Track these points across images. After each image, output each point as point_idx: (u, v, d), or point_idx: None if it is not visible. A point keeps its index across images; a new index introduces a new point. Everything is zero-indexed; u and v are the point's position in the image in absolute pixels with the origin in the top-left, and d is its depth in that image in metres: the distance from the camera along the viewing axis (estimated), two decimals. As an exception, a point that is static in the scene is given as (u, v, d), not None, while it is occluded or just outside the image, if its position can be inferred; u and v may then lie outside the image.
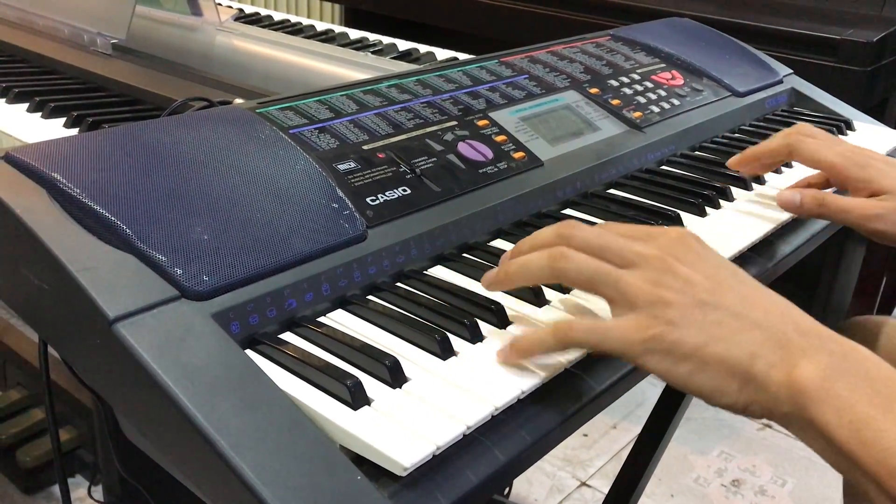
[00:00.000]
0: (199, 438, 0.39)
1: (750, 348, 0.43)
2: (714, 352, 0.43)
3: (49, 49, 0.99)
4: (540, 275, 0.49)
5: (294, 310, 0.50)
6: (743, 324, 0.44)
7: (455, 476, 0.41)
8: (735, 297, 0.45)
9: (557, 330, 0.46)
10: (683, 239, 0.48)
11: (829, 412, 0.40)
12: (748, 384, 0.43)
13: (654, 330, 0.44)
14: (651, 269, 0.46)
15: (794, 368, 0.42)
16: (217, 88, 0.85)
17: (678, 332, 0.44)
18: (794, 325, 0.44)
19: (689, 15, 1.22)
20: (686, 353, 0.43)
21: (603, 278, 0.46)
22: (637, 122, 0.82)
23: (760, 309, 0.45)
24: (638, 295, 0.45)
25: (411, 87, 0.73)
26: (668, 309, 0.44)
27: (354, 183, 0.58)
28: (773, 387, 0.42)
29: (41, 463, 1.40)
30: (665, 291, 0.45)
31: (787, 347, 0.43)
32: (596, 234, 0.48)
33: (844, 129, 0.97)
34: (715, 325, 0.44)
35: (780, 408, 0.42)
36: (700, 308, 0.44)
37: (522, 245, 0.51)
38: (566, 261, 0.47)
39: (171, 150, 0.54)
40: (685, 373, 0.44)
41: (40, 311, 0.48)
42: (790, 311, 0.46)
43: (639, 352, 0.44)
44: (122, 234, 0.47)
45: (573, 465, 1.62)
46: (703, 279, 0.46)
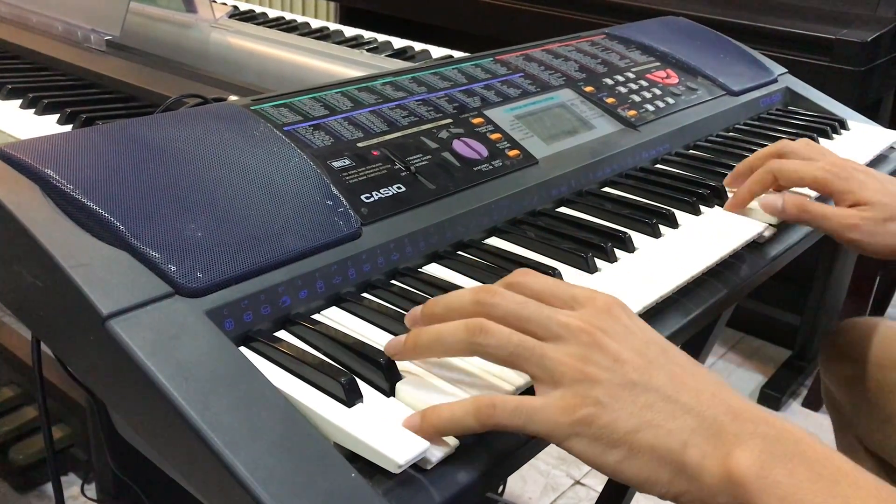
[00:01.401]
0: (193, 436, 0.39)
1: (682, 436, 0.41)
2: (645, 439, 0.41)
3: (43, 45, 0.98)
4: (456, 348, 0.45)
5: (288, 307, 0.50)
6: (674, 408, 0.41)
7: (450, 473, 0.41)
8: (665, 377, 0.43)
9: (479, 411, 0.42)
10: (611, 310, 0.45)
11: (771, 502, 0.38)
12: (680, 474, 0.40)
13: (582, 411, 0.41)
14: (577, 343, 0.43)
15: (728, 458, 0.40)
16: (211, 85, 0.85)
17: (608, 416, 0.41)
18: (725, 408, 0.42)
19: (685, 14, 1.22)
20: (616, 439, 0.41)
21: (526, 354, 0.43)
22: (632, 120, 0.82)
23: (691, 391, 0.42)
24: (564, 373, 0.42)
25: (406, 84, 0.73)
26: (595, 388, 0.42)
27: (349, 180, 0.58)
28: (707, 478, 0.40)
29: (34, 461, 1.40)
30: (593, 369, 0.42)
31: (719, 435, 0.40)
32: (519, 304, 0.45)
33: (838, 129, 0.97)
34: (646, 408, 0.41)
35: (718, 500, 0.40)
36: (630, 389, 0.42)
37: (436, 307, 0.46)
38: (485, 335, 0.43)
39: (165, 147, 0.54)
40: (614, 461, 0.41)
41: (33, 308, 0.48)
42: (721, 392, 0.43)
43: (566, 434, 0.41)
44: (116, 231, 0.47)
45: (567, 464, 1.62)
46: (633, 356, 0.43)
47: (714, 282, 0.63)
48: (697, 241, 0.66)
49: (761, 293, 1.72)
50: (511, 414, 0.42)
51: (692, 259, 0.63)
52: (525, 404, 0.42)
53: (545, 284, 0.47)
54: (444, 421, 0.42)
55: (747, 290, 0.66)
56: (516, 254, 0.61)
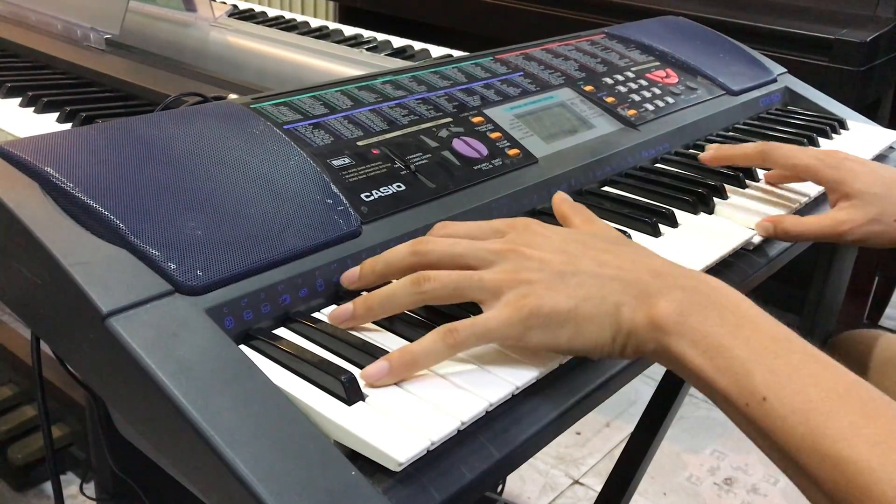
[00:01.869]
0: (193, 434, 0.39)
1: (614, 299, 0.47)
2: (585, 310, 0.46)
3: (42, 44, 0.98)
4: (406, 302, 0.48)
5: (288, 305, 0.50)
6: (602, 280, 0.47)
7: (449, 471, 0.41)
8: (589, 261, 0.49)
9: (444, 336, 0.46)
10: (528, 226, 0.51)
11: (685, 344, 0.44)
12: (619, 332, 0.46)
13: (527, 307, 0.46)
14: (507, 261, 0.48)
15: (651, 308, 0.46)
16: (211, 84, 0.85)
17: (549, 301, 0.46)
18: (647, 270, 0.48)
19: (684, 14, 1.22)
20: (562, 319, 0.46)
21: (466, 284, 0.48)
22: (632, 119, 0.82)
23: (614, 264, 0.48)
24: (501, 285, 0.47)
25: (406, 83, 0.73)
26: (532, 286, 0.47)
27: (349, 179, 0.58)
28: (638, 329, 0.46)
29: (32, 460, 1.40)
30: (525, 274, 0.47)
31: (644, 291, 0.47)
32: (449, 244, 0.50)
33: (838, 129, 0.97)
34: (578, 287, 0.47)
35: (647, 346, 0.46)
36: (561, 278, 0.47)
37: (376, 263, 0.51)
38: (429, 282, 0.48)
39: (164, 146, 0.54)
40: (567, 338, 0.46)
41: (33, 306, 0.48)
42: (641, 258, 0.49)
43: (521, 330, 0.46)
44: (116, 229, 0.47)
45: (566, 463, 1.62)
46: (556, 255, 0.49)
47: (714, 281, 0.63)
48: (697, 241, 0.66)
49: (759, 293, 1.72)
50: (471, 329, 0.46)
51: (692, 258, 0.63)
52: (480, 318, 0.47)
53: (468, 225, 0.53)
54: (416, 354, 0.45)
55: (746, 290, 0.66)
56: (516, 253, 0.60)
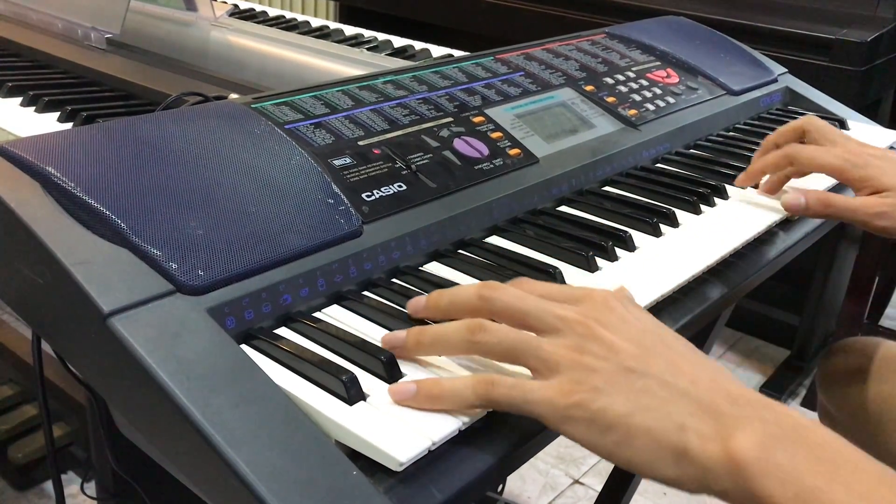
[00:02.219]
0: (194, 433, 0.39)
1: (679, 419, 0.40)
2: (641, 422, 0.40)
3: (43, 43, 0.98)
4: (458, 347, 0.46)
5: (289, 305, 0.50)
6: (671, 393, 0.41)
7: (450, 471, 0.41)
8: (663, 363, 0.43)
9: (478, 385, 0.43)
10: (608, 302, 0.46)
11: (772, 485, 0.38)
12: (680, 458, 0.40)
13: (577, 396, 0.41)
14: (574, 334, 0.44)
15: (728, 440, 0.39)
16: (212, 84, 0.85)
17: (603, 400, 0.41)
18: (724, 393, 0.42)
19: (685, 13, 1.22)
20: (611, 422, 0.41)
21: (523, 348, 0.44)
22: (632, 119, 0.82)
23: (689, 376, 0.42)
24: (560, 362, 0.43)
25: (407, 83, 0.73)
26: (592, 375, 0.42)
27: (350, 179, 0.58)
28: (707, 461, 0.39)
29: (33, 459, 1.40)
30: (589, 358, 0.42)
31: (718, 418, 0.40)
32: (517, 298, 0.46)
33: (838, 129, 0.97)
34: (642, 393, 0.41)
35: (720, 483, 0.39)
36: (625, 375, 0.42)
37: (440, 299, 0.48)
38: (484, 333, 0.44)
39: (165, 145, 0.54)
40: (611, 443, 0.41)
41: (34, 305, 0.48)
42: (719, 377, 0.43)
43: (561, 418, 0.42)
44: (117, 229, 0.47)
45: (566, 463, 1.62)
46: (629, 345, 0.43)
47: (714, 281, 0.63)
48: (698, 241, 0.66)
49: (760, 293, 1.72)
50: (508, 390, 0.42)
51: (693, 258, 0.63)
52: (522, 383, 0.43)
53: (546, 285, 0.48)
54: (444, 391, 0.43)
55: (747, 290, 0.66)
56: (517, 252, 0.61)
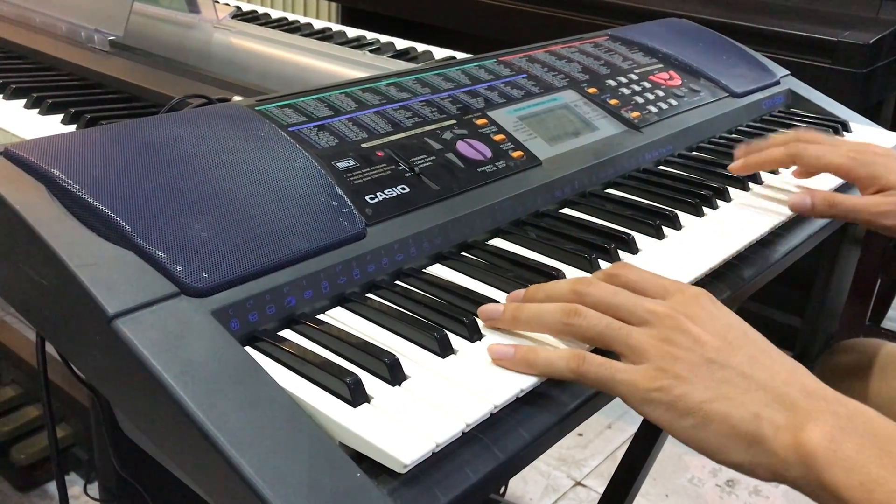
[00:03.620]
0: (199, 435, 0.39)
1: (754, 409, 0.43)
2: (718, 409, 0.44)
3: (47, 46, 0.99)
4: (552, 327, 0.49)
5: (293, 307, 0.50)
6: (749, 384, 0.44)
7: (454, 473, 0.41)
8: (743, 357, 0.46)
9: (571, 359, 0.47)
10: (698, 299, 0.49)
11: (839, 474, 0.40)
12: (752, 445, 0.43)
13: (660, 381, 0.45)
14: (662, 327, 0.47)
15: (800, 431, 0.42)
16: (215, 86, 0.85)
17: (684, 387, 0.44)
18: (800, 387, 0.44)
19: (687, 16, 1.22)
20: (690, 407, 0.44)
21: (614, 335, 0.47)
22: (635, 122, 0.82)
23: (767, 370, 0.45)
24: (647, 350, 0.46)
25: (410, 85, 0.73)
26: (676, 363, 0.45)
27: (353, 181, 0.58)
28: (780, 450, 0.42)
29: (36, 460, 1.40)
30: (674, 349, 0.46)
31: (792, 410, 0.43)
32: (611, 293, 0.49)
33: (841, 131, 0.97)
34: (722, 382, 0.44)
35: (790, 471, 0.42)
36: (707, 366, 0.45)
37: (537, 293, 0.52)
38: (579, 317, 0.48)
39: (170, 147, 0.54)
40: (688, 426, 0.44)
41: (39, 307, 0.48)
42: (797, 373, 0.46)
43: (642, 399, 0.45)
44: (122, 231, 0.47)
45: (568, 465, 1.62)
46: (713, 339, 0.46)
47: (717, 283, 0.63)
48: (700, 243, 0.66)
49: (762, 294, 1.72)
50: (598, 368, 0.46)
51: (695, 260, 0.63)
52: (612, 364, 0.46)
53: (640, 276, 0.51)
54: (540, 358, 0.47)
55: (750, 292, 0.66)
56: (520, 255, 0.61)
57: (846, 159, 0.70)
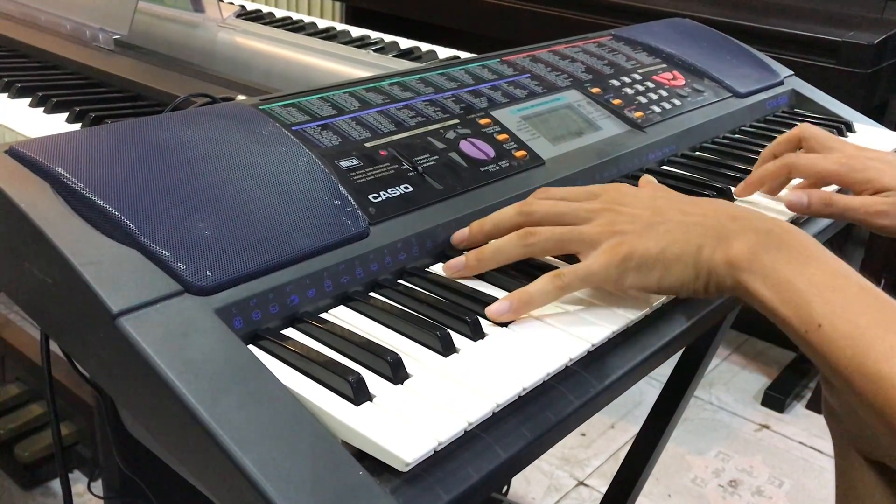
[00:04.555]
0: (202, 433, 0.39)
1: (697, 241, 0.53)
2: (672, 252, 0.53)
3: (51, 44, 0.99)
4: (514, 253, 0.56)
5: (296, 306, 0.50)
6: (686, 226, 0.54)
7: (456, 472, 0.41)
8: (674, 211, 0.55)
9: (553, 279, 0.53)
10: (619, 188, 0.58)
11: (757, 280, 0.50)
12: (701, 270, 0.53)
13: (621, 252, 0.53)
14: (603, 217, 0.55)
15: (728, 249, 0.52)
16: (219, 85, 0.85)
17: (641, 246, 0.53)
18: (726, 215, 0.54)
19: (691, 16, 1.22)
20: (652, 261, 0.53)
21: (568, 237, 0.55)
22: (638, 121, 0.82)
23: (698, 213, 0.55)
24: (599, 237, 0.54)
25: (413, 85, 0.73)
26: (626, 235, 0.54)
27: (357, 180, 0.58)
28: (717, 268, 0.52)
29: (39, 458, 1.40)
30: (619, 226, 0.54)
31: (722, 234, 0.52)
32: (552, 205, 0.57)
33: (845, 131, 0.97)
34: (666, 233, 0.53)
35: (725, 282, 0.52)
36: (650, 227, 0.54)
37: (485, 223, 0.58)
38: (534, 236, 0.55)
39: (174, 146, 0.54)
40: (657, 278, 0.53)
41: (43, 305, 0.48)
42: (721, 206, 0.56)
43: (618, 273, 0.53)
44: (126, 229, 0.47)
45: (571, 465, 1.62)
46: (645, 210, 0.55)
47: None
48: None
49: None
50: (574, 273, 0.53)
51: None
52: (583, 264, 0.54)
53: (566, 189, 0.59)
54: (532, 295, 0.52)
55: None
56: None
57: (839, 166, 0.70)
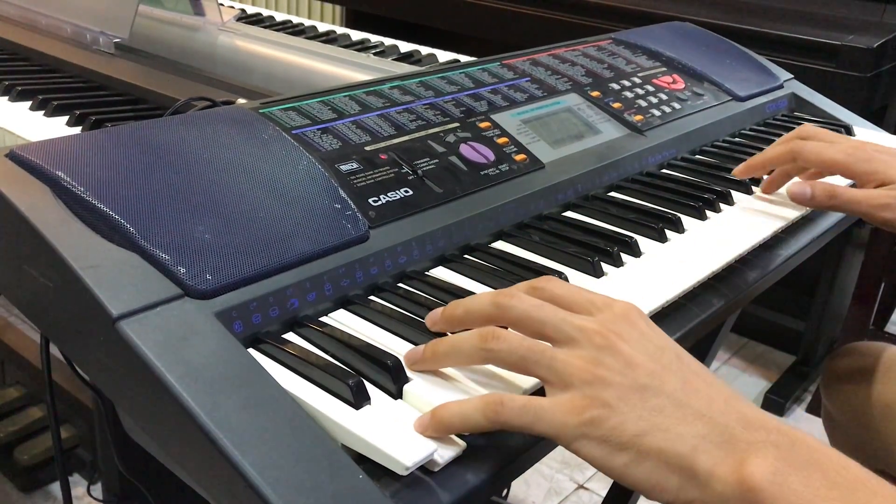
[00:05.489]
0: (202, 436, 0.39)
1: (692, 441, 0.40)
2: (653, 443, 0.40)
3: (52, 48, 0.99)
4: (471, 357, 0.45)
5: (296, 309, 0.50)
6: (685, 413, 0.41)
7: (456, 476, 0.41)
8: (678, 382, 0.42)
9: (487, 407, 0.42)
10: (628, 315, 0.45)
11: None
12: (689, 480, 0.40)
13: (590, 412, 0.41)
14: (591, 346, 0.43)
15: (742, 465, 0.39)
16: (219, 88, 0.85)
17: (616, 418, 0.40)
18: (738, 416, 0.41)
19: (690, 19, 1.22)
20: (624, 442, 0.40)
21: (535, 358, 0.43)
22: (638, 125, 0.82)
23: (704, 397, 0.42)
24: (574, 374, 0.42)
25: (413, 88, 0.73)
26: (605, 390, 0.41)
27: (357, 183, 0.58)
28: (718, 484, 0.39)
29: (39, 461, 1.40)
30: (603, 371, 0.42)
31: (732, 442, 0.40)
32: (536, 306, 0.45)
33: (844, 135, 0.97)
34: (656, 412, 0.41)
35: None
36: (640, 393, 0.41)
37: (456, 309, 0.47)
38: (496, 341, 0.44)
39: (174, 150, 0.54)
40: (621, 464, 0.40)
41: (44, 308, 0.48)
42: (733, 400, 0.42)
43: (573, 436, 0.41)
44: (126, 233, 0.47)
45: (571, 468, 1.62)
46: (646, 361, 0.42)
47: (720, 287, 0.63)
48: (703, 247, 0.66)
49: (765, 298, 1.72)
50: (519, 412, 0.42)
51: (698, 264, 0.63)
52: (533, 403, 0.42)
53: (564, 290, 0.47)
54: (453, 416, 0.42)
55: (753, 296, 0.66)
56: (523, 257, 0.61)
57: (844, 155, 0.70)
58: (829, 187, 0.69)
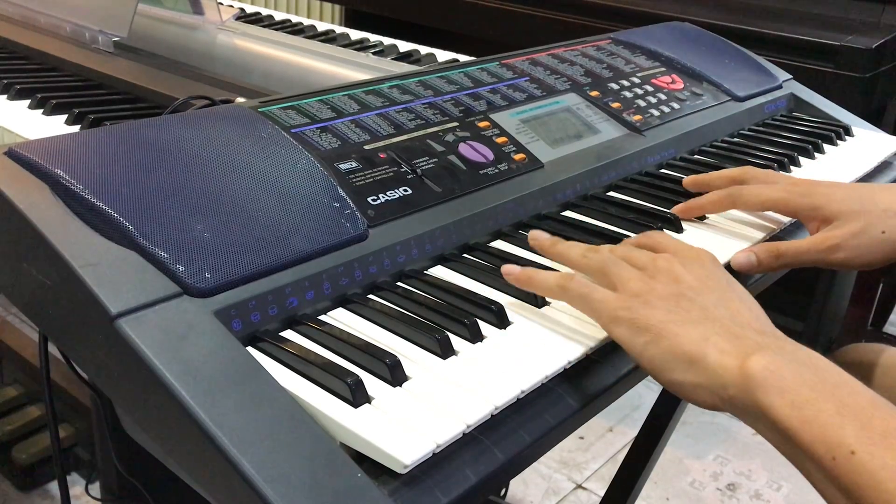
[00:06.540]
0: (201, 435, 0.39)
1: (705, 333, 0.46)
2: (670, 329, 0.47)
3: (51, 46, 0.99)
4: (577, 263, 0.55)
5: (295, 308, 0.50)
6: (707, 316, 0.48)
7: (454, 474, 0.41)
8: (713, 298, 0.49)
9: (561, 278, 0.52)
10: (700, 254, 0.54)
11: (772, 394, 0.42)
12: (695, 364, 0.45)
13: (629, 303, 0.49)
14: (653, 268, 0.51)
15: (745, 358, 0.44)
16: (218, 87, 0.85)
17: (647, 310, 0.48)
18: (756, 327, 0.48)
19: (690, 19, 1.22)
20: (647, 326, 0.47)
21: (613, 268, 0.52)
22: (637, 125, 0.82)
23: (731, 312, 0.49)
24: (631, 279, 0.51)
25: (413, 87, 0.73)
26: (650, 293, 0.49)
27: (356, 182, 0.58)
28: (720, 370, 0.44)
29: (37, 460, 1.40)
30: (654, 282, 0.50)
31: (742, 339, 0.46)
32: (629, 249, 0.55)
33: (843, 135, 0.97)
34: (683, 311, 0.48)
35: (726, 390, 0.44)
36: (676, 298, 0.49)
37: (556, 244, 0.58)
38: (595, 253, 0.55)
39: (173, 148, 0.54)
40: (641, 343, 0.47)
41: (42, 306, 0.48)
42: (758, 318, 0.49)
43: (609, 318, 0.49)
44: (125, 231, 0.47)
45: (569, 468, 1.62)
46: (692, 279, 0.51)
47: (718, 286, 0.63)
48: (703, 245, 0.66)
49: (764, 299, 1.72)
50: (580, 287, 0.51)
51: (697, 264, 0.63)
52: (593, 286, 0.51)
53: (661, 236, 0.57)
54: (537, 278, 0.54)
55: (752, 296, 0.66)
56: (521, 257, 0.61)
57: (784, 192, 0.67)
58: (772, 247, 0.64)
